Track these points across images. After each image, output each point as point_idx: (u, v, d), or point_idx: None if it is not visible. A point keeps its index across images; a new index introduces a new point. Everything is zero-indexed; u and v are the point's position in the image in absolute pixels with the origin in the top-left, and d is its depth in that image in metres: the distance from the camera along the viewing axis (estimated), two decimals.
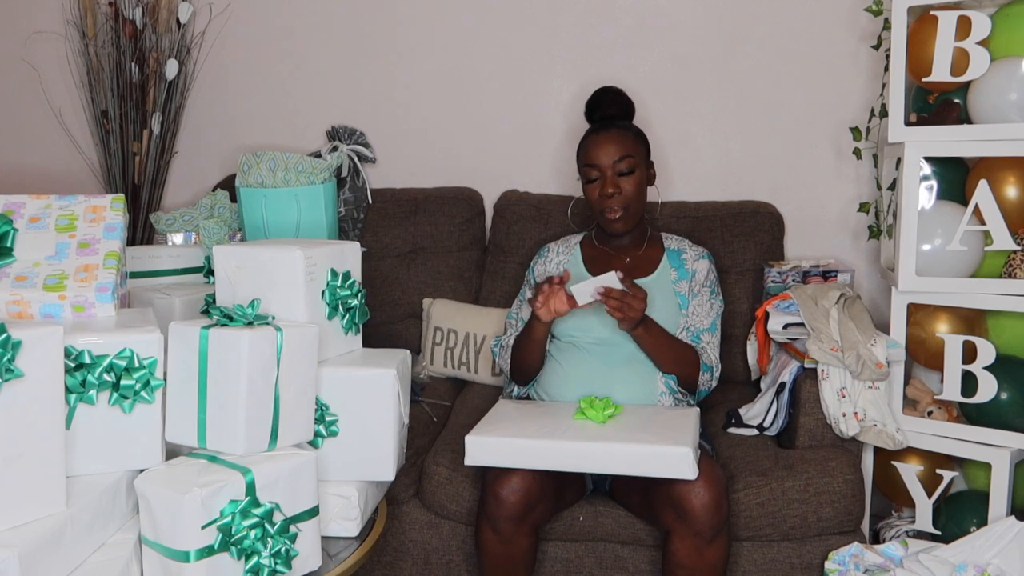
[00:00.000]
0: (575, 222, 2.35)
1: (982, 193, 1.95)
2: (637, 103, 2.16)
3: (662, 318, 1.95)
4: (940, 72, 1.97)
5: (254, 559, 1.42)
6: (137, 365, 1.45)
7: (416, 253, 2.60)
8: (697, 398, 2.00)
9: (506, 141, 2.72)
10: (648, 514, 1.82)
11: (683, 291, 2.00)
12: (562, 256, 2.14)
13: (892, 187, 2.22)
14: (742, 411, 2.14)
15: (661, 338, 1.92)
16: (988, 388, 1.95)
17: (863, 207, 2.38)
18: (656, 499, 1.73)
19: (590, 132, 2.05)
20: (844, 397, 1.95)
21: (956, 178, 2.08)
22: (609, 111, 2.08)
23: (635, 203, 1.99)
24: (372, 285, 2.53)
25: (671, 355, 1.93)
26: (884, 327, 2.11)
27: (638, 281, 1.98)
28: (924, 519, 2.06)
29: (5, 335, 1.24)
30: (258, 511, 1.42)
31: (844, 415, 1.95)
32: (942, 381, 2.02)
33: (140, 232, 2.75)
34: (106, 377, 1.43)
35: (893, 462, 2.10)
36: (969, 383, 1.97)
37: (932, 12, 1.97)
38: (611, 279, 1.82)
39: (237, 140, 2.83)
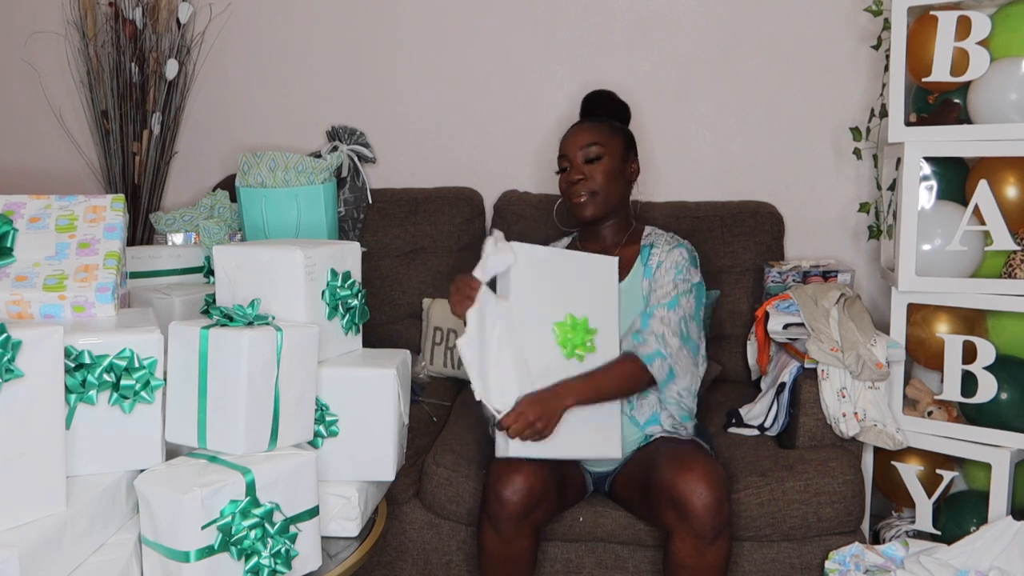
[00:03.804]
0: (561, 223, 2.34)
1: (982, 193, 1.95)
2: (637, 103, 2.15)
3: (632, 320, 1.91)
4: (940, 72, 1.97)
5: (254, 559, 1.42)
6: (137, 365, 1.45)
7: (416, 253, 2.60)
8: (663, 385, 1.86)
9: (506, 141, 2.72)
10: (649, 514, 1.82)
11: (644, 289, 1.94)
12: None
13: (892, 187, 2.22)
14: (742, 411, 2.14)
15: (591, 385, 1.78)
16: (988, 388, 1.95)
17: (863, 207, 2.38)
18: (657, 499, 1.73)
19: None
20: (844, 397, 1.95)
21: (956, 178, 2.08)
22: (598, 111, 2.07)
23: (603, 190, 1.94)
24: (372, 285, 2.53)
25: (612, 384, 1.81)
26: (884, 327, 2.11)
27: None
28: (924, 519, 2.06)
29: (5, 335, 1.24)
30: (258, 511, 1.42)
31: (844, 415, 1.95)
32: (942, 381, 2.02)
33: (140, 232, 2.75)
34: (106, 377, 1.43)
35: (893, 462, 2.10)
36: (969, 383, 1.97)
37: (932, 12, 1.97)
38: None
39: (237, 140, 2.83)
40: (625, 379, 1.83)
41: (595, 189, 1.95)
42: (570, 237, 2.18)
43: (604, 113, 2.08)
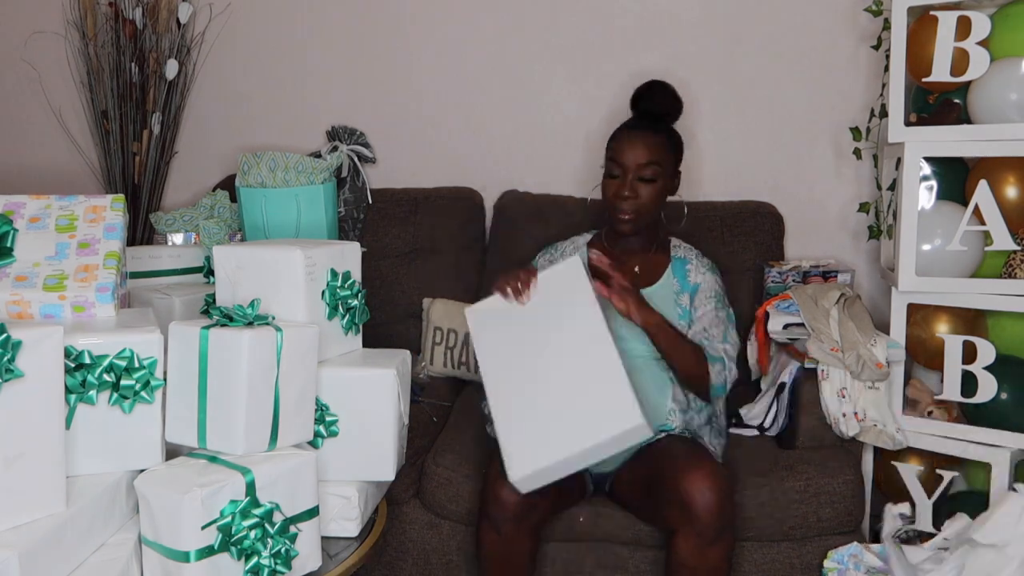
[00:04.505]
0: (592, 215, 2.31)
1: (982, 193, 1.95)
2: None
3: None
4: (940, 72, 1.97)
5: (254, 559, 1.42)
6: (137, 365, 1.45)
7: (416, 253, 2.60)
8: (713, 394, 1.91)
9: (506, 141, 2.72)
10: (651, 513, 1.81)
11: (684, 303, 1.96)
12: (569, 256, 2.10)
13: (892, 187, 2.22)
14: (743, 411, 2.14)
15: (673, 331, 1.85)
16: (988, 388, 1.95)
17: (863, 207, 2.38)
18: (660, 498, 1.73)
19: (626, 126, 1.99)
20: (844, 397, 1.95)
21: (956, 178, 2.08)
22: (654, 106, 2.02)
23: (648, 211, 1.94)
24: (372, 285, 2.53)
25: (685, 350, 1.84)
26: (884, 327, 2.11)
27: (642, 291, 1.93)
28: (924, 519, 2.06)
29: (5, 335, 1.24)
30: (258, 511, 1.42)
31: (844, 415, 1.95)
32: (942, 381, 2.02)
33: (140, 232, 2.75)
34: (106, 377, 1.43)
35: (893, 462, 2.10)
36: (969, 383, 1.97)
37: (932, 12, 1.97)
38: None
39: (237, 140, 2.83)
40: (696, 358, 1.85)
41: (641, 209, 1.93)
42: (591, 233, 2.15)
43: (660, 108, 2.02)
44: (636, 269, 2.01)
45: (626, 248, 2.03)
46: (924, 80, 2.02)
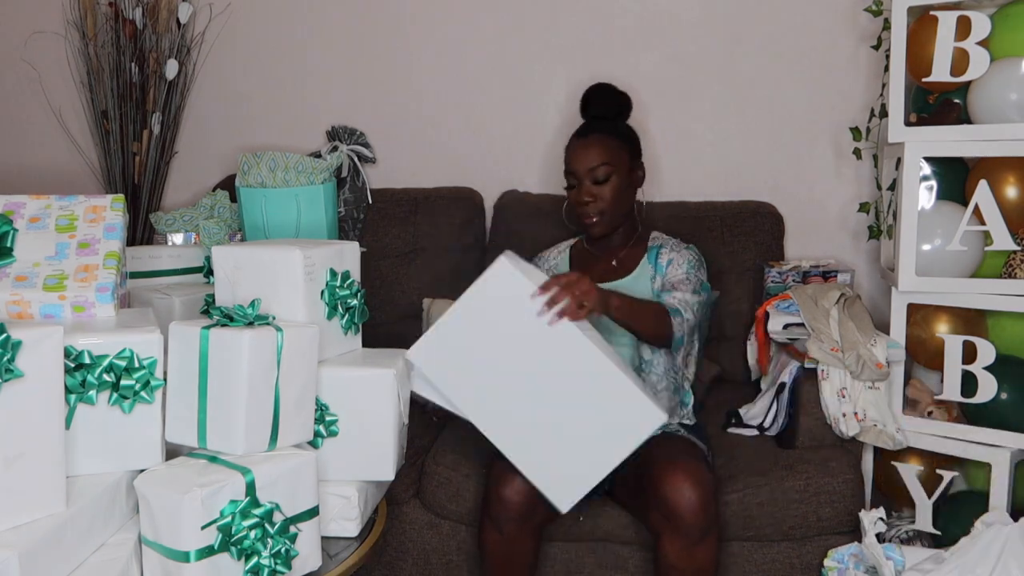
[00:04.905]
0: (569, 222, 2.34)
1: (982, 193, 1.95)
2: (637, 102, 2.14)
3: None
4: (940, 72, 1.97)
5: (254, 559, 1.42)
6: (137, 365, 1.45)
7: (416, 253, 2.60)
8: (675, 346, 1.87)
9: (506, 141, 2.72)
10: (642, 515, 1.82)
11: (658, 286, 1.98)
12: (554, 260, 2.15)
13: (892, 187, 2.22)
14: (742, 411, 2.14)
15: (630, 300, 1.78)
16: (988, 388, 1.95)
17: (863, 207, 2.38)
18: (645, 501, 1.73)
19: (573, 136, 2.05)
20: (844, 397, 1.95)
21: (956, 178, 2.08)
22: (600, 110, 2.08)
23: (612, 209, 1.98)
24: (372, 285, 2.53)
25: (646, 312, 1.80)
26: (884, 327, 2.11)
27: (617, 283, 1.96)
28: (924, 519, 2.06)
29: (5, 335, 1.24)
30: (258, 511, 1.42)
31: (844, 415, 1.95)
32: (942, 381, 2.02)
33: (140, 232, 2.75)
34: (106, 377, 1.43)
35: (893, 462, 2.10)
36: (969, 383, 1.97)
37: (932, 12, 1.97)
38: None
39: (237, 140, 2.83)
40: (657, 315, 1.82)
41: (604, 209, 1.97)
42: (576, 238, 2.20)
43: (606, 110, 2.07)
44: (614, 263, 2.04)
45: (606, 246, 2.06)
46: (924, 80, 2.02)
